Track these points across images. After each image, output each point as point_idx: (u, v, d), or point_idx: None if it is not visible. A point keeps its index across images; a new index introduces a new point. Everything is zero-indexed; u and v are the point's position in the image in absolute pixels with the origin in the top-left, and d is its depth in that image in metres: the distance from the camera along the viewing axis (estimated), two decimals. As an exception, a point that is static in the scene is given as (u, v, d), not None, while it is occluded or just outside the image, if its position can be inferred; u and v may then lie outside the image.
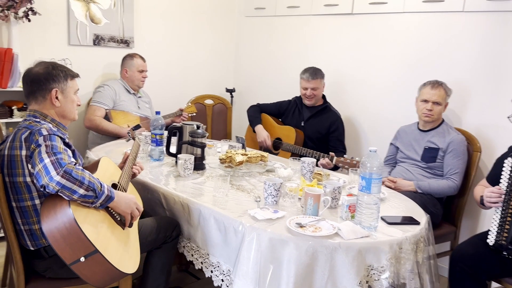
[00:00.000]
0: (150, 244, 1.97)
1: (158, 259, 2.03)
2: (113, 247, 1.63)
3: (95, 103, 3.26)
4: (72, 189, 1.53)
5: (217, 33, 4.37)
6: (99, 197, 1.61)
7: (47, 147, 1.58)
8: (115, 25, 3.66)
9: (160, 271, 2.03)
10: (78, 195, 1.55)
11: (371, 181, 1.72)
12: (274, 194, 1.96)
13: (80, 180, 1.55)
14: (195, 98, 4.03)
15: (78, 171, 1.56)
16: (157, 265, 2.03)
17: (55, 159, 1.54)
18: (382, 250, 1.68)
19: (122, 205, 1.73)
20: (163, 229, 1.99)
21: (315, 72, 3.21)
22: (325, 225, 1.76)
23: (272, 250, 1.66)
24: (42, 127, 1.66)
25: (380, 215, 1.91)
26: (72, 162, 1.58)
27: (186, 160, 2.29)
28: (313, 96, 3.23)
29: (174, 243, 2.05)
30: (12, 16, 3.00)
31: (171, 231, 2.01)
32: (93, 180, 1.59)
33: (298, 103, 3.38)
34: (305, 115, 3.32)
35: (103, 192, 1.62)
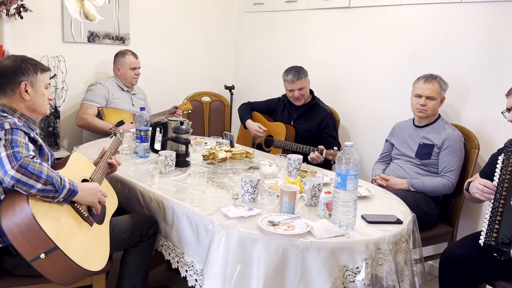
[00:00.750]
0: (125, 242, 1.93)
1: (133, 258, 1.98)
2: (76, 244, 1.59)
3: (87, 101, 3.24)
4: (29, 184, 1.50)
5: (216, 30, 4.32)
6: (60, 191, 1.57)
7: (6, 141, 1.54)
8: (110, 22, 3.64)
9: (136, 270, 1.98)
10: (36, 190, 1.51)
11: (347, 177, 1.64)
12: (251, 191, 1.90)
13: (36, 174, 1.51)
14: (191, 95, 3.98)
15: (36, 165, 1.52)
16: (133, 264, 1.98)
17: (11, 152, 1.51)
18: (357, 250, 1.59)
19: (87, 197, 1.70)
20: (138, 227, 1.94)
21: (298, 72, 3.08)
22: (299, 223, 1.69)
23: (241, 249, 1.59)
24: (5, 121, 1.62)
25: (363, 213, 1.84)
26: (29, 156, 1.54)
27: (167, 156, 2.24)
28: (301, 96, 3.14)
29: (151, 241, 2.00)
30: (4, 13, 3.01)
31: (147, 229, 1.96)
32: (52, 174, 1.55)
33: (286, 102, 3.30)
34: (294, 114, 3.23)
35: (64, 186, 1.58)
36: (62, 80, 3.40)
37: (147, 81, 3.83)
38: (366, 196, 2.11)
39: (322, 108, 3.19)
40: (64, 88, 3.42)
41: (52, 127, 3.38)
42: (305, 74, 3.13)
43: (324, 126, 3.11)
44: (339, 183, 1.66)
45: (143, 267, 2.01)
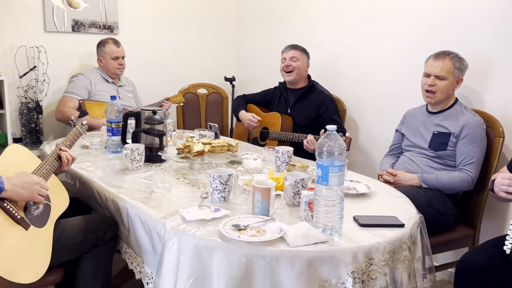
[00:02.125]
0: (77, 248, 1.64)
1: (88, 265, 1.69)
2: (2, 251, 1.33)
3: (67, 94, 3.00)
4: None
5: (215, 17, 4.02)
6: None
7: None
8: (96, 9, 3.39)
9: (92, 279, 1.70)
10: None
11: (329, 169, 1.31)
12: (221, 188, 1.58)
13: None
14: (186, 87, 3.69)
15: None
16: (88, 271, 1.69)
17: None
18: (342, 261, 1.26)
19: (21, 192, 1.44)
20: (92, 230, 1.66)
21: (296, 45, 2.93)
22: (272, 227, 1.36)
23: (197, 260, 1.28)
24: None
25: (360, 213, 1.50)
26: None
27: (133, 150, 1.95)
28: (291, 68, 2.88)
29: (109, 246, 1.70)
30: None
31: (103, 232, 1.67)
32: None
33: (282, 89, 3.02)
34: (290, 100, 2.95)
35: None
36: (43, 72, 3.17)
37: (138, 73, 3.56)
38: (365, 194, 1.76)
39: (320, 91, 2.89)
40: (46, 81, 3.19)
41: (35, 123, 3.15)
42: (302, 50, 2.93)
43: (323, 110, 2.79)
44: (320, 177, 1.33)
45: (102, 275, 1.72)
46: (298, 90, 2.93)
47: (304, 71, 2.92)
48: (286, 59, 2.90)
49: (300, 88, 2.93)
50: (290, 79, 2.91)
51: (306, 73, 2.96)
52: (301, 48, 2.93)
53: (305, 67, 2.92)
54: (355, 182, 1.87)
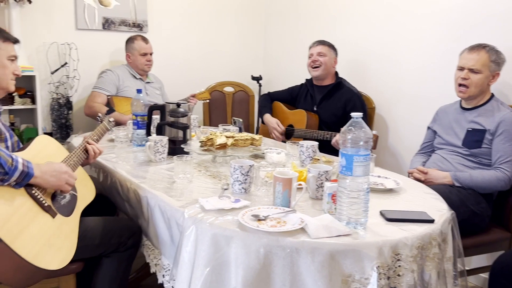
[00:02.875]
0: (98, 248, 1.62)
1: (107, 270, 1.67)
2: (29, 236, 1.33)
3: (96, 89, 3.04)
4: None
5: (243, 16, 4.01)
6: (11, 173, 1.31)
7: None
8: (126, 7, 3.44)
9: (109, 284, 1.68)
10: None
11: (353, 158, 1.24)
12: (242, 179, 1.54)
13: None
14: (213, 85, 3.69)
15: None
16: (106, 277, 1.67)
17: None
18: (366, 255, 1.19)
19: (50, 180, 1.43)
20: (116, 234, 1.63)
21: (323, 40, 2.87)
22: (293, 218, 1.31)
23: (214, 249, 1.24)
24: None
25: (387, 208, 1.44)
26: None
27: (156, 142, 1.94)
28: (318, 63, 2.81)
29: (129, 253, 1.68)
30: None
31: (126, 237, 1.65)
32: (0, 153, 1.29)
33: (309, 86, 2.97)
34: (317, 97, 2.88)
35: (16, 168, 1.32)
36: (74, 68, 3.23)
37: (166, 70, 3.59)
38: (392, 190, 1.69)
39: (348, 88, 2.82)
40: (76, 77, 3.25)
41: (65, 119, 3.21)
42: (330, 45, 2.87)
43: (350, 107, 2.71)
44: (344, 167, 1.27)
45: (119, 281, 1.69)
46: (325, 87, 2.87)
47: (331, 67, 2.86)
48: (313, 55, 2.85)
49: (327, 85, 2.87)
50: (316, 74, 2.85)
51: (334, 70, 2.89)
52: (329, 44, 2.87)
53: (332, 63, 2.86)
54: (383, 178, 1.79)
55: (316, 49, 2.84)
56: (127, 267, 1.71)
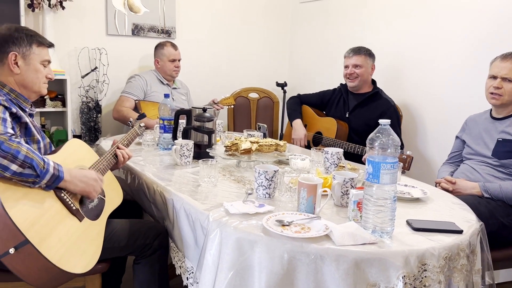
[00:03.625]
0: (124, 249, 1.64)
1: (143, 276, 1.69)
2: (55, 239, 1.35)
3: (125, 94, 3.10)
4: (2, 165, 1.27)
5: (269, 22, 4.03)
6: (42, 176, 1.34)
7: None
8: (155, 14, 3.51)
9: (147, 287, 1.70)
10: (11, 173, 1.29)
11: (381, 166, 1.23)
12: (266, 184, 1.54)
13: (12, 154, 1.29)
14: (238, 91, 3.71)
15: (12, 143, 1.30)
16: (144, 283, 1.69)
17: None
18: (392, 264, 1.17)
19: (78, 185, 1.45)
20: (141, 236, 1.65)
21: (359, 48, 2.77)
22: (317, 225, 1.30)
23: (238, 253, 1.25)
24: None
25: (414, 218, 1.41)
26: (7, 134, 1.33)
27: (182, 145, 1.97)
28: (355, 75, 2.75)
29: (159, 255, 1.68)
30: (46, 4, 2.97)
31: (151, 239, 1.66)
32: (32, 156, 1.32)
33: (343, 91, 2.91)
34: (350, 104, 2.83)
35: (47, 171, 1.35)
36: (103, 73, 3.31)
37: (192, 76, 3.64)
38: (419, 199, 1.66)
39: (385, 100, 2.75)
40: (106, 81, 3.33)
41: (94, 122, 3.29)
42: (367, 53, 2.77)
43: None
44: (371, 174, 1.26)
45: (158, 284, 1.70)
46: (360, 95, 2.81)
47: (368, 76, 2.79)
48: (348, 67, 2.77)
49: (363, 93, 2.81)
50: (352, 85, 2.80)
51: (370, 77, 2.83)
52: (365, 52, 2.77)
53: (369, 71, 2.78)
54: (410, 187, 1.77)
55: (351, 61, 2.76)
56: (162, 269, 1.70)
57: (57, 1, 2.99)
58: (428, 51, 2.85)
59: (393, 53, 3.08)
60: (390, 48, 3.10)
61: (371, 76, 2.83)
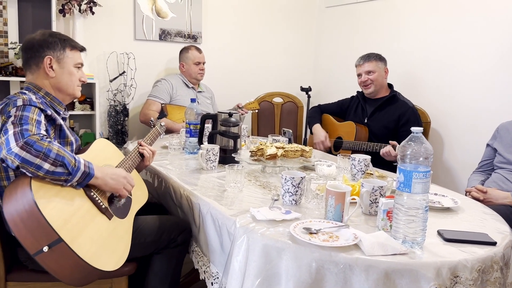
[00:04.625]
0: (150, 245, 1.67)
1: (159, 267, 1.71)
2: (87, 237, 1.37)
3: (151, 97, 3.14)
4: (35, 164, 1.30)
5: (294, 27, 4.03)
6: (74, 174, 1.37)
7: (15, 118, 1.39)
8: (182, 20, 3.55)
9: (161, 280, 1.71)
10: (45, 171, 1.32)
11: (412, 175, 1.20)
12: (293, 191, 1.53)
13: (44, 153, 1.31)
14: (262, 96, 3.71)
15: (44, 142, 1.33)
16: (158, 273, 1.71)
17: (19, 130, 1.34)
18: (423, 276, 1.14)
19: (108, 182, 1.48)
20: (167, 231, 1.68)
21: (368, 55, 2.77)
22: (346, 234, 1.28)
23: (265, 260, 1.24)
24: (20, 97, 1.48)
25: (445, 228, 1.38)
26: (39, 134, 1.36)
27: (208, 150, 1.98)
28: (369, 82, 2.74)
29: (179, 250, 1.71)
30: (76, 10, 3.04)
31: (176, 234, 1.69)
32: (64, 154, 1.35)
33: (360, 98, 2.90)
34: (368, 110, 2.82)
35: (78, 168, 1.38)
36: (131, 77, 3.36)
37: (217, 81, 3.66)
38: (450, 209, 1.62)
39: (403, 102, 2.72)
40: (133, 85, 3.38)
41: (121, 125, 3.34)
42: (377, 58, 2.75)
43: (404, 121, 2.63)
44: (402, 183, 1.23)
45: (171, 278, 1.73)
46: (377, 100, 2.81)
47: (383, 80, 2.78)
48: (361, 75, 2.77)
49: (379, 98, 2.80)
50: (369, 92, 2.79)
51: (386, 81, 2.81)
52: (375, 57, 2.76)
53: (383, 75, 2.77)
54: (440, 196, 1.73)
55: (363, 68, 2.75)
56: (178, 264, 1.73)
57: (87, 7, 3.05)
58: (457, 55, 2.79)
59: (421, 58, 3.03)
60: (418, 53, 3.05)
61: (386, 80, 2.81)
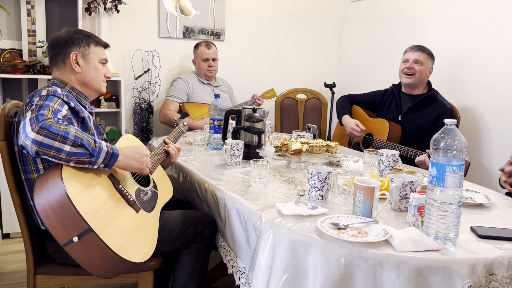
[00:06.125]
0: (177, 240, 1.67)
1: (187, 261, 1.71)
2: (115, 228, 1.38)
3: (169, 97, 3.16)
4: (55, 147, 1.30)
5: (318, 23, 3.98)
6: (97, 155, 1.36)
7: (36, 106, 1.39)
8: (205, 17, 3.55)
9: (189, 275, 1.71)
10: (66, 153, 1.31)
11: (446, 168, 1.16)
12: (319, 186, 1.50)
13: (62, 135, 1.30)
14: (285, 92, 3.69)
15: (60, 125, 1.32)
16: (187, 267, 1.71)
17: (34, 115, 1.33)
18: (457, 273, 1.10)
19: (132, 163, 1.48)
20: (192, 225, 1.68)
21: (423, 46, 2.65)
22: (375, 229, 1.25)
23: (292, 255, 1.22)
24: (45, 89, 1.50)
25: (478, 224, 1.33)
26: (55, 118, 1.35)
27: (233, 145, 1.96)
28: (413, 71, 2.61)
29: (206, 243, 1.71)
30: (102, 8, 3.08)
31: (202, 228, 1.68)
32: (82, 136, 1.34)
33: (395, 92, 2.78)
34: (403, 106, 2.70)
35: (101, 149, 1.37)
36: (155, 75, 3.38)
37: (240, 77, 3.66)
38: (482, 205, 1.56)
39: (441, 102, 2.61)
40: (157, 83, 3.40)
41: (146, 122, 3.37)
42: (429, 53, 2.65)
43: (440, 123, 2.50)
44: (435, 177, 1.19)
45: (199, 272, 1.73)
46: (414, 96, 2.69)
47: (426, 76, 2.66)
48: (409, 61, 2.64)
49: (417, 95, 2.69)
50: (408, 82, 2.65)
51: (427, 79, 2.70)
52: (428, 52, 2.65)
53: (427, 72, 2.66)
54: (472, 192, 1.67)
55: (413, 55, 2.63)
56: (205, 258, 1.73)
57: (112, 5, 3.09)
58: (492, 49, 2.69)
59: (453, 53, 2.94)
60: (448, 47, 2.97)
61: (428, 78, 2.70)
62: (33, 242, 1.59)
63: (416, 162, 2.35)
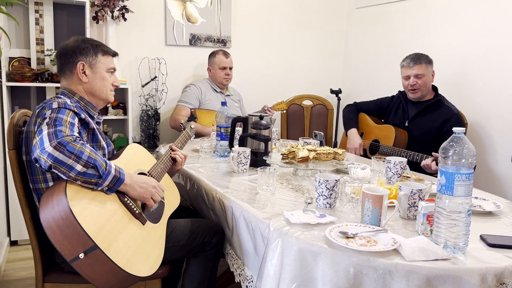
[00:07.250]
0: (184, 248, 1.67)
1: (196, 270, 1.71)
2: (121, 243, 1.37)
3: (181, 103, 3.17)
4: (68, 164, 1.31)
5: (323, 29, 3.99)
6: (104, 177, 1.37)
7: (50, 119, 1.41)
8: (211, 24, 3.57)
9: (198, 285, 1.71)
10: (76, 172, 1.33)
11: (455, 177, 1.15)
12: (327, 194, 1.50)
13: (76, 154, 1.32)
14: (291, 99, 3.69)
15: (77, 144, 1.34)
16: (195, 277, 1.71)
17: (53, 131, 1.36)
18: (467, 282, 1.09)
19: (137, 189, 1.48)
20: (200, 234, 1.67)
21: (418, 57, 2.59)
22: (384, 238, 1.24)
23: (300, 264, 1.21)
24: (55, 101, 1.51)
25: (487, 233, 1.33)
26: (72, 136, 1.37)
27: (240, 153, 1.97)
28: (417, 86, 2.59)
29: (215, 252, 1.70)
30: (109, 16, 3.11)
31: (210, 237, 1.68)
32: (95, 157, 1.36)
33: (402, 99, 2.77)
34: (410, 112, 2.69)
35: (109, 172, 1.38)
36: (162, 82, 3.40)
37: (247, 84, 3.67)
38: (491, 213, 1.55)
39: (448, 108, 2.59)
40: (164, 90, 3.42)
41: (153, 129, 3.39)
42: (427, 60, 2.59)
43: (447, 128, 2.50)
44: (444, 186, 1.18)
45: (206, 282, 1.72)
46: (421, 103, 2.67)
47: (430, 83, 2.64)
48: (410, 77, 2.60)
49: (423, 101, 2.67)
50: (415, 97, 2.64)
51: (431, 84, 2.67)
52: (425, 60, 2.60)
53: (431, 79, 2.63)
54: (481, 200, 1.66)
55: (413, 71, 2.58)
56: (214, 266, 1.72)
57: (119, 13, 3.12)
58: (499, 55, 2.68)
59: (459, 58, 2.93)
60: (455, 52, 2.96)
61: (432, 83, 2.69)
62: (42, 250, 1.60)
63: (422, 166, 2.34)
